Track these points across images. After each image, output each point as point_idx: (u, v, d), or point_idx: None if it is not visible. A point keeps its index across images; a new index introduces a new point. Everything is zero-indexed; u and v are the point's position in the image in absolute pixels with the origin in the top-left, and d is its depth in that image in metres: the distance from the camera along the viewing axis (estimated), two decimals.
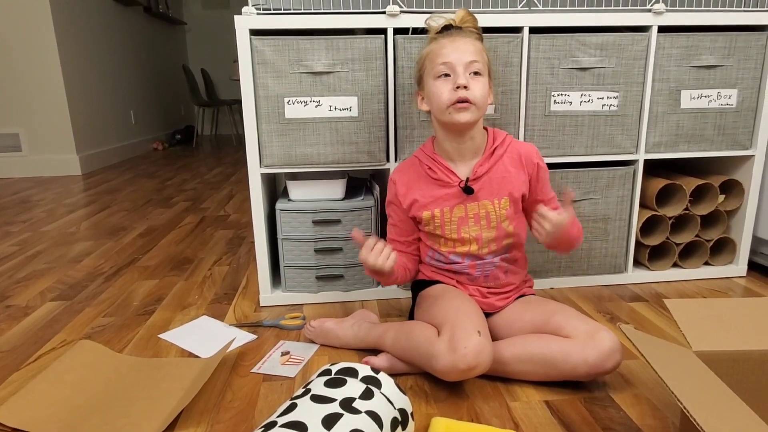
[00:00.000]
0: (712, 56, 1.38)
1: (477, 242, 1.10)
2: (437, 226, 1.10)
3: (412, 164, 1.15)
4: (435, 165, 1.10)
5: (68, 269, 1.73)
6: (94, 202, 2.74)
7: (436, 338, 0.96)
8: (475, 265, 1.12)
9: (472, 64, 1.01)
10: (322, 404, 0.70)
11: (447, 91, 1.02)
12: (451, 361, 0.91)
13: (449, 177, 1.09)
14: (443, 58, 1.02)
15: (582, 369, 0.94)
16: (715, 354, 0.82)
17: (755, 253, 1.57)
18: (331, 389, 0.74)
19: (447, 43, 1.03)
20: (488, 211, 1.08)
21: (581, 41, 1.32)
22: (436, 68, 1.03)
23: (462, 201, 1.08)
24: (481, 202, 1.08)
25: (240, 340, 1.21)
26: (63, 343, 1.22)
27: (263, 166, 1.33)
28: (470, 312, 1.01)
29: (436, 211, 1.10)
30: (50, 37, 3.37)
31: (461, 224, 1.09)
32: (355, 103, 1.29)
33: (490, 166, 1.08)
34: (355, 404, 0.71)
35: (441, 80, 1.03)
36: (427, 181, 1.11)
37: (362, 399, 0.73)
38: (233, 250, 1.89)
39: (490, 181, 1.08)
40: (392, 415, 0.73)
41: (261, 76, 1.26)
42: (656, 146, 1.42)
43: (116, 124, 4.27)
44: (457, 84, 1.00)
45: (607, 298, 1.42)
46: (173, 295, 1.50)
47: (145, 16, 5.06)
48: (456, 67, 1.01)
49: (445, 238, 1.11)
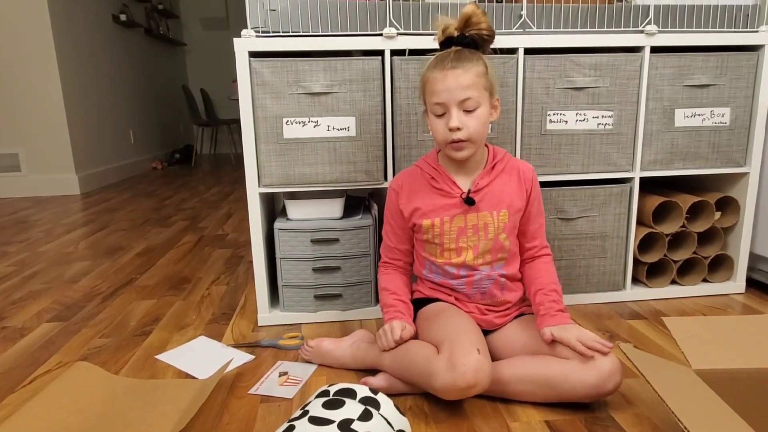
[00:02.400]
0: (704, 76, 1.39)
1: (473, 251, 1.10)
2: (436, 234, 1.10)
3: (413, 173, 1.15)
4: (438, 175, 1.11)
5: (65, 290, 1.72)
6: (93, 221, 2.74)
7: (435, 356, 0.96)
8: (472, 282, 1.11)
9: (465, 102, 1.00)
10: (320, 426, 0.69)
11: (442, 130, 1.03)
12: (451, 379, 0.91)
13: (452, 188, 1.09)
14: (436, 97, 1.01)
15: (581, 391, 0.93)
16: (715, 372, 0.82)
17: (753, 269, 1.57)
18: (329, 411, 0.73)
19: (440, 80, 1.00)
20: (487, 223, 1.09)
21: (575, 61, 1.34)
22: (431, 106, 1.04)
23: (462, 212, 1.09)
24: (480, 213, 1.09)
25: (237, 361, 1.20)
26: (59, 365, 1.21)
27: (262, 185, 1.33)
28: (469, 330, 1.00)
29: (437, 221, 1.10)
30: (51, 57, 3.40)
31: (460, 234, 1.10)
32: (353, 123, 1.30)
33: (490, 180, 1.09)
34: (354, 426, 0.70)
35: (436, 118, 1.04)
36: (428, 190, 1.12)
37: (360, 420, 0.72)
38: (231, 270, 1.89)
39: (491, 194, 1.09)
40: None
41: (260, 97, 1.27)
42: (652, 164, 1.43)
43: (115, 144, 4.29)
44: (449, 127, 1.00)
45: (606, 316, 1.41)
46: (171, 315, 1.49)
47: (146, 37, 5.11)
48: (449, 107, 1.01)
49: (442, 248, 1.11)
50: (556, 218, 1.42)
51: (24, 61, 3.38)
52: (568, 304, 1.48)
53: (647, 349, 1.22)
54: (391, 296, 1.14)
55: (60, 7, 3.50)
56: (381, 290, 1.18)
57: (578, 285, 1.48)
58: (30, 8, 3.32)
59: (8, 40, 3.34)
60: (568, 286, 1.47)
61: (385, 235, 1.20)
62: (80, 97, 3.73)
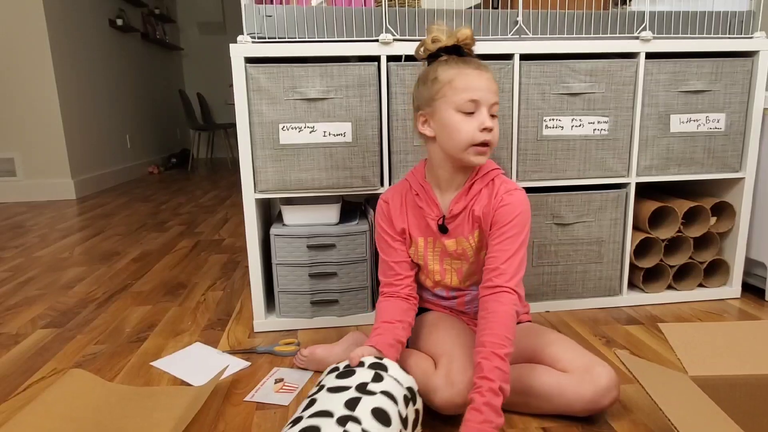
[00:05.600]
0: (699, 81, 1.40)
1: (457, 274, 1.08)
2: (420, 256, 1.09)
3: (403, 188, 1.12)
4: (423, 193, 1.07)
5: (60, 295, 1.71)
6: (88, 226, 2.73)
7: (433, 372, 0.96)
8: (463, 302, 1.11)
9: (494, 107, 0.97)
10: (340, 393, 0.78)
11: (471, 130, 0.96)
12: (449, 396, 0.91)
13: (431, 209, 1.06)
14: (471, 93, 0.95)
15: (577, 405, 0.93)
16: (712, 379, 0.82)
17: (749, 274, 1.57)
18: (343, 380, 0.81)
19: (475, 77, 0.96)
20: (464, 248, 1.06)
21: (571, 67, 1.34)
22: (462, 102, 0.95)
23: (440, 237, 1.06)
24: (458, 239, 1.05)
25: (233, 368, 1.20)
26: (53, 372, 1.21)
27: (258, 191, 1.33)
28: (467, 344, 1.00)
29: (420, 240, 1.08)
30: (47, 61, 3.40)
31: (443, 256, 1.08)
32: (349, 129, 1.30)
33: (466, 203, 1.03)
34: (369, 387, 0.79)
35: (463, 116, 0.96)
36: (414, 208, 1.09)
37: (374, 382, 0.80)
38: (227, 275, 1.88)
39: (465, 217, 1.04)
40: (402, 392, 0.81)
41: (256, 102, 1.27)
42: (647, 169, 1.44)
43: (112, 149, 4.28)
44: (484, 126, 0.95)
45: (603, 321, 1.41)
46: (166, 321, 1.48)
47: (142, 42, 5.11)
48: (482, 106, 0.96)
49: (426, 270, 1.10)
50: (552, 224, 1.42)
51: (20, 66, 3.38)
52: (564, 310, 1.48)
53: (644, 354, 1.22)
54: (378, 320, 1.03)
55: (56, 12, 3.49)
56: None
57: (574, 290, 1.48)
58: (26, 13, 3.32)
59: (4, 45, 3.33)
60: (565, 292, 1.47)
61: (381, 252, 1.12)
62: (76, 101, 3.73)
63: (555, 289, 1.47)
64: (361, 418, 0.73)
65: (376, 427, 0.72)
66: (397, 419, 0.76)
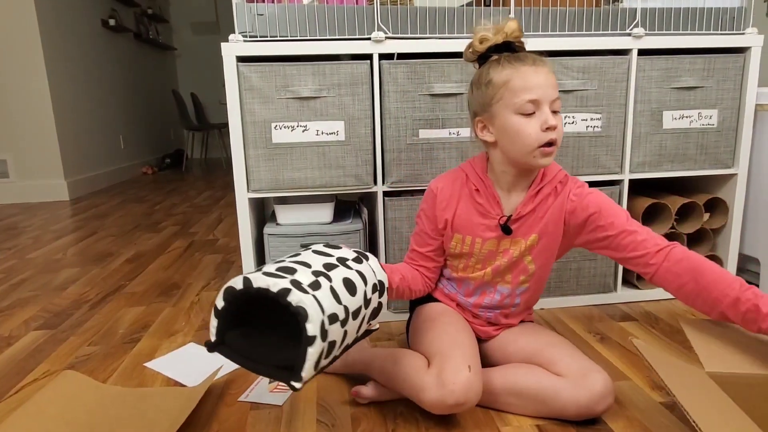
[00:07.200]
0: (691, 78, 1.40)
1: (494, 271, 1.05)
2: (465, 253, 1.06)
3: (457, 178, 1.06)
4: (483, 188, 1.03)
5: (53, 297, 1.70)
6: (82, 227, 2.72)
7: (425, 370, 0.95)
8: (480, 304, 1.08)
9: (556, 102, 0.94)
10: (322, 256, 0.86)
11: (535, 132, 0.92)
12: (439, 395, 0.90)
13: (493, 207, 1.02)
14: (530, 93, 0.91)
15: (572, 409, 0.92)
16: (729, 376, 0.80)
17: (742, 270, 1.58)
18: (329, 249, 0.90)
19: (532, 75, 0.92)
20: (515, 249, 1.03)
21: (564, 65, 1.34)
22: (521, 104, 0.92)
23: (497, 237, 1.03)
24: (515, 239, 1.03)
25: (228, 368, 1.19)
26: (46, 374, 1.20)
27: (251, 191, 1.33)
28: (463, 343, 0.98)
29: (468, 239, 1.04)
30: (39, 62, 3.38)
31: (489, 257, 1.05)
32: (342, 128, 1.30)
33: (533, 206, 1.01)
34: (348, 263, 0.87)
35: (524, 118, 0.93)
36: (469, 203, 1.04)
37: (354, 262, 0.88)
38: (222, 275, 1.88)
39: (530, 220, 1.02)
40: (374, 280, 0.88)
41: (248, 101, 1.27)
42: (640, 166, 1.44)
43: (105, 149, 4.27)
44: (548, 125, 0.92)
45: (597, 318, 1.41)
46: (160, 322, 1.48)
47: (135, 42, 5.09)
48: (543, 104, 0.92)
49: (466, 265, 1.07)
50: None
51: (12, 66, 3.36)
52: (559, 307, 1.48)
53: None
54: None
55: (48, 12, 3.47)
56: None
57: (569, 287, 1.48)
58: (18, 13, 3.29)
59: None
60: (559, 289, 1.48)
61: (411, 238, 1.12)
62: (69, 102, 3.71)
63: (549, 287, 1.47)
64: (333, 278, 0.81)
65: (342, 290, 0.80)
66: (362, 296, 0.84)
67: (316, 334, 0.73)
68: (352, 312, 0.81)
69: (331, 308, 0.77)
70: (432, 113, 1.32)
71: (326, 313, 0.75)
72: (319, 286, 0.78)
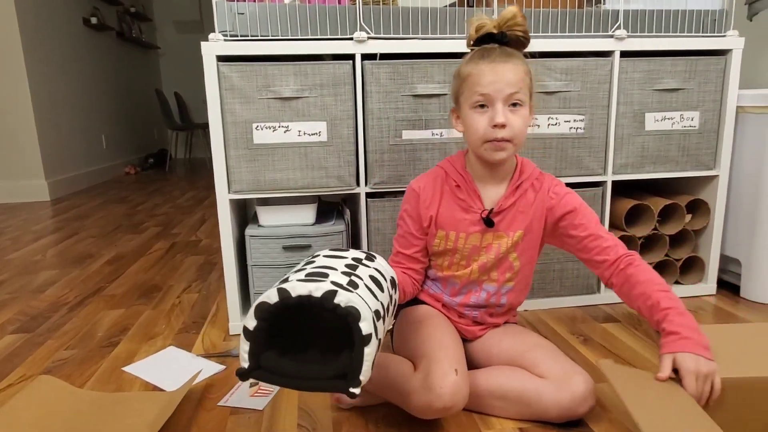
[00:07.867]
0: (673, 80, 1.41)
1: (479, 266, 1.05)
2: (449, 249, 1.05)
3: (438, 176, 1.07)
4: (464, 184, 1.04)
5: (31, 299, 1.67)
6: (62, 228, 2.67)
7: (412, 374, 0.94)
8: (466, 304, 1.08)
9: (513, 96, 0.94)
10: (338, 259, 0.85)
11: (483, 127, 0.95)
12: (427, 400, 0.89)
13: (474, 201, 1.03)
14: (481, 88, 0.93)
15: (554, 411, 0.92)
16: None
17: (724, 271, 1.59)
18: (339, 252, 0.89)
19: (487, 71, 0.93)
20: (500, 244, 1.04)
21: (547, 66, 1.34)
22: (473, 97, 0.95)
23: (480, 230, 1.03)
24: (497, 233, 1.03)
25: (208, 372, 1.17)
26: (21, 379, 1.17)
27: (232, 192, 1.31)
28: (449, 346, 0.98)
29: (452, 234, 1.04)
30: (19, 61, 3.31)
31: (473, 252, 1.05)
32: (324, 128, 1.29)
33: (514, 200, 1.03)
34: (364, 262, 0.86)
35: (477, 111, 0.95)
36: (450, 199, 1.05)
37: (368, 260, 0.88)
38: (203, 277, 1.85)
39: (513, 214, 1.03)
40: (390, 276, 0.89)
41: (228, 101, 1.25)
42: (623, 167, 1.44)
43: (87, 149, 4.20)
44: (494, 122, 0.93)
45: (580, 320, 1.42)
46: (139, 325, 1.45)
47: (118, 41, 5.02)
48: (495, 100, 0.93)
49: (450, 262, 1.07)
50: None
51: None
52: (542, 308, 1.48)
53: (620, 352, 1.22)
54: None
55: (28, 10, 3.41)
56: None
57: (552, 289, 1.48)
58: None
59: None
60: (542, 290, 1.48)
61: (395, 241, 1.11)
62: (50, 101, 3.64)
63: (532, 288, 1.46)
64: (363, 276, 0.80)
65: (374, 288, 0.79)
66: (387, 292, 0.83)
67: (371, 331, 0.71)
68: (385, 307, 0.80)
69: (374, 305, 0.75)
70: (415, 114, 1.31)
71: (372, 309, 0.73)
72: (356, 285, 0.76)
